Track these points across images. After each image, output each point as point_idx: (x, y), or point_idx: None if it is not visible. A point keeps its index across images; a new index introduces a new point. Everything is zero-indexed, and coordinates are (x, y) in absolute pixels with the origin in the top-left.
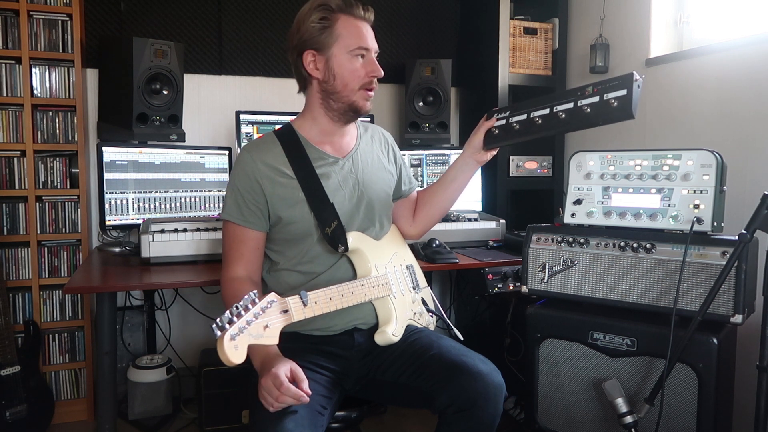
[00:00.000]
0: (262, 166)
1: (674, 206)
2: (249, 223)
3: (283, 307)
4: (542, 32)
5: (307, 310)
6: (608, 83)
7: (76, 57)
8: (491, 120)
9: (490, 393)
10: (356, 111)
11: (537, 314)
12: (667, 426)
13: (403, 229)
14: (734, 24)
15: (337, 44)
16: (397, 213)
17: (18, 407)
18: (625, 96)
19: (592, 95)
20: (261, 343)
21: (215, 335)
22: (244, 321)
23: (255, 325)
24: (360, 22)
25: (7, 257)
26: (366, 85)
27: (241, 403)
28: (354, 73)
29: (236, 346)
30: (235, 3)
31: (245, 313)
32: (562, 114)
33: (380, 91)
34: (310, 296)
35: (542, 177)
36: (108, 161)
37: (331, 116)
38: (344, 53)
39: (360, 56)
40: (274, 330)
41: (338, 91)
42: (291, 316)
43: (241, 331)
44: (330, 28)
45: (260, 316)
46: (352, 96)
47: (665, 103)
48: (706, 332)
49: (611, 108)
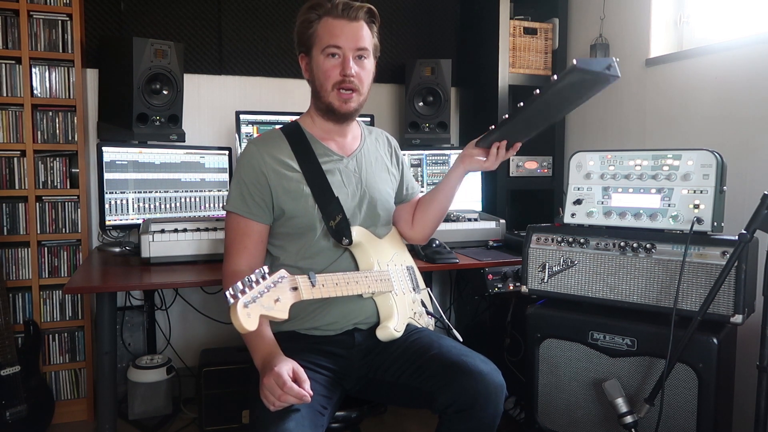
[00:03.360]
0: (268, 159)
1: (674, 206)
2: (253, 215)
3: (292, 284)
4: (542, 32)
5: (314, 290)
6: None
7: (76, 57)
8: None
9: (491, 393)
10: (333, 112)
11: (537, 314)
12: (667, 426)
13: (404, 232)
14: (734, 24)
15: (315, 46)
16: (398, 216)
17: (18, 407)
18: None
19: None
20: (272, 315)
21: (228, 303)
22: (256, 291)
23: (267, 296)
24: (338, 21)
25: (7, 257)
26: (338, 85)
27: (241, 403)
28: (326, 73)
29: (249, 313)
30: (235, 3)
31: (257, 285)
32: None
33: (380, 91)
34: (318, 278)
35: (542, 177)
36: (108, 161)
37: (322, 116)
38: (319, 53)
39: (332, 55)
40: (284, 305)
41: (318, 92)
42: (300, 293)
43: (254, 300)
44: (312, 30)
45: (271, 289)
46: (328, 97)
47: (665, 103)
48: (706, 332)
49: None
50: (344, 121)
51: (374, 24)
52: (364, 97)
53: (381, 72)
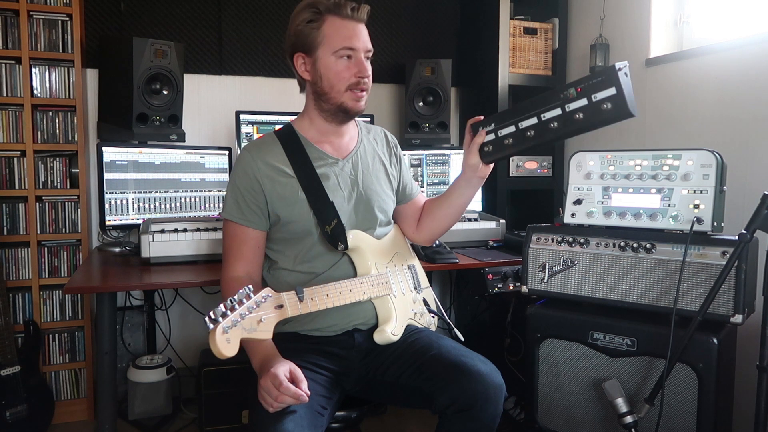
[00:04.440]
0: (262, 165)
1: (674, 206)
2: (249, 222)
3: (278, 302)
4: (542, 32)
5: (302, 306)
6: (591, 81)
7: (76, 57)
8: (480, 136)
9: (491, 393)
10: (346, 112)
11: (537, 314)
12: (667, 426)
13: (407, 233)
14: (734, 24)
15: (323, 46)
16: (400, 217)
17: (18, 407)
18: (616, 95)
19: (577, 98)
20: (254, 338)
21: (208, 328)
22: (237, 314)
23: (249, 318)
24: (347, 22)
25: (7, 257)
26: (353, 86)
27: (241, 403)
28: (339, 75)
29: (228, 339)
30: (235, 3)
31: (239, 307)
32: (554, 123)
33: (380, 91)
34: (306, 292)
35: (542, 177)
36: (108, 161)
37: (325, 117)
38: (329, 54)
39: (346, 57)
40: (268, 324)
41: (326, 93)
42: (286, 311)
43: (234, 324)
44: (317, 30)
45: (254, 310)
46: (340, 98)
47: (665, 103)
48: (706, 332)
49: (604, 111)
50: (348, 120)
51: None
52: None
53: (381, 72)
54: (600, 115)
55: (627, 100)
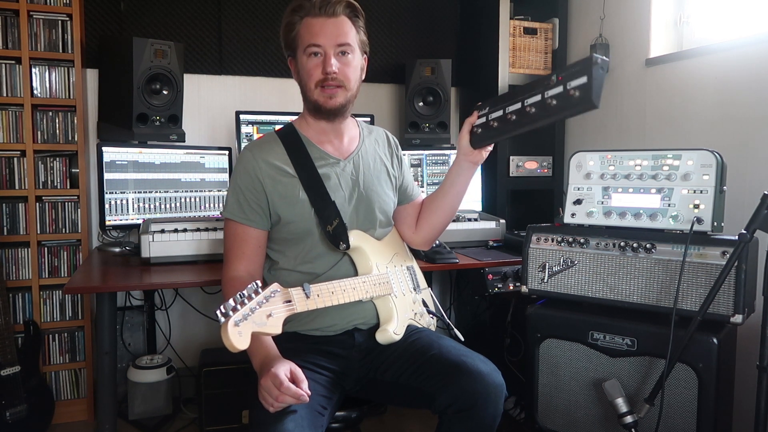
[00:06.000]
0: (263, 165)
1: (674, 206)
2: (250, 221)
3: (286, 297)
4: (542, 32)
5: (309, 302)
6: (571, 69)
7: (76, 57)
8: (473, 116)
9: (491, 393)
10: (319, 110)
11: (537, 314)
12: (667, 426)
13: (405, 235)
14: (734, 24)
15: (299, 47)
16: (399, 218)
17: (18, 407)
18: (585, 84)
19: (556, 85)
20: (264, 331)
21: (219, 321)
22: (248, 308)
23: (258, 312)
24: (316, 19)
25: (7, 257)
26: (321, 83)
27: (241, 403)
28: (309, 73)
29: (240, 332)
30: (235, 3)
31: (249, 302)
32: (531, 108)
33: (380, 91)
34: (312, 288)
35: (542, 177)
36: (108, 161)
37: (313, 116)
38: (302, 54)
39: (313, 54)
40: (277, 320)
41: (304, 92)
42: (294, 306)
43: (245, 317)
44: (295, 32)
45: (264, 304)
46: (313, 96)
47: (665, 103)
48: (706, 332)
49: (572, 98)
50: (334, 118)
51: (358, 18)
52: (353, 93)
53: (381, 72)
54: (568, 101)
55: (593, 90)
